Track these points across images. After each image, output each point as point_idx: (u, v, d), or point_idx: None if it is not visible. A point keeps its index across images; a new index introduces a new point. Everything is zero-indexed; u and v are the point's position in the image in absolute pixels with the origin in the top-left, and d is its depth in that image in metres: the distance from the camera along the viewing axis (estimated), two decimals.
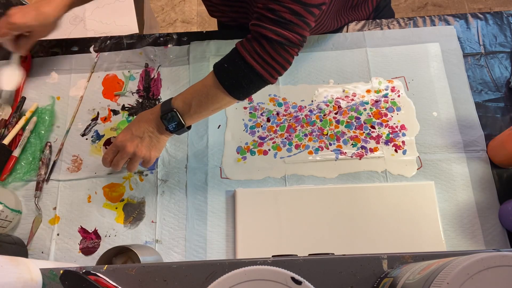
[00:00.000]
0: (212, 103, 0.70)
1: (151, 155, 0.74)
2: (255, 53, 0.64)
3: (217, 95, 0.68)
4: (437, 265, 0.37)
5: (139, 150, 0.73)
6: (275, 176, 0.80)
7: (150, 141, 0.73)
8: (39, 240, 0.78)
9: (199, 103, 0.70)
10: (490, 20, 0.91)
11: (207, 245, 0.76)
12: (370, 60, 0.88)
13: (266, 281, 0.38)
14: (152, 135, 0.73)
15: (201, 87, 0.70)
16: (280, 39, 0.62)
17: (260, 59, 0.64)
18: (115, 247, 0.67)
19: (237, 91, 0.68)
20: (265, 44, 0.63)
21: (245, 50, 0.64)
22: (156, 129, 0.73)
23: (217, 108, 0.71)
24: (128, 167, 0.75)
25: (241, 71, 0.65)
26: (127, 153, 0.73)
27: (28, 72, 0.91)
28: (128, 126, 0.74)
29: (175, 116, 0.70)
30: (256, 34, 0.64)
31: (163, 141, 0.76)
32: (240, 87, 0.67)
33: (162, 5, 2.05)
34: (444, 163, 0.79)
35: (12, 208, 0.76)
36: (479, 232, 0.74)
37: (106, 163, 0.75)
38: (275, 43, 0.63)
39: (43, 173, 0.82)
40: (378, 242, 0.73)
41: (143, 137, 0.73)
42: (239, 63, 0.65)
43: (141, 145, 0.73)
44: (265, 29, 0.62)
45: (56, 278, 0.53)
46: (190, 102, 0.70)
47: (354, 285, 0.50)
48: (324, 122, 0.84)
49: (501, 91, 0.84)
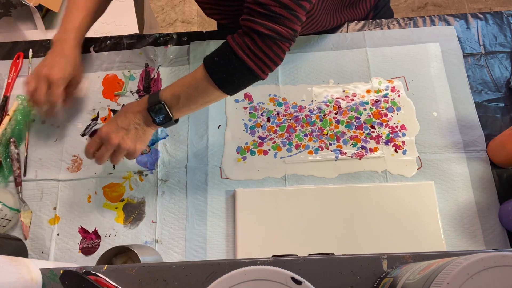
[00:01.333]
0: (201, 97, 0.69)
1: (136, 148, 0.72)
2: (247, 47, 0.63)
3: (207, 89, 0.67)
4: (437, 265, 0.37)
5: (124, 142, 0.71)
6: (275, 176, 0.80)
7: (136, 133, 0.72)
8: (39, 240, 0.78)
9: (188, 96, 0.69)
10: (490, 20, 0.91)
11: (207, 245, 0.76)
12: (370, 60, 0.88)
13: (266, 281, 0.38)
14: (138, 127, 0.71)
15: (191, 80, 0.68)
16: (271, 33, 0.62)
17: (252, 54, 0.63)
18: (115, 247, 0.67)
19: (227, 86, 0.67)
20: (256, 38, 0.62)
21: (237, 45, 0.63)
22: (142, 121, 0.71)
23: (207, 102, 0.70)
24: (112, 159, 0.73)
25: (232, 65, 0.64)
26: (112, 145, 0.71)
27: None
28: (114, 117, 0.72)
29: (162, 109, 0.69)
30: (247, 29, 0.63)
31: (149, 134, 0.74)
32: (230, 82, 0.66)
33: (162, 5, 2.05)
34: (444, 163, 0.79)
35: (10, 207, 0.76)
36: (479, 232, 0.74)
37: (89, 154, 0.73)
38: (266, 37, 0.62)
39: (16, 169, 0.82)
40: (378, 242, 0.73)
41: (128, 129, 0.71)
42: (230, 57, 0.64)
43: (127, 137, 0.71)
44: (256, 23, 0.61)
45: (56, 278, 0.53)
46: (178, 95, 0.69)
47: (354, 285, 0.50)
48: (324, 122, 0.84)
49: (501, 91, 0.84)
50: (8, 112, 0.86)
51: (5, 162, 0.83)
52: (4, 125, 0.85)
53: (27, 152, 0.85)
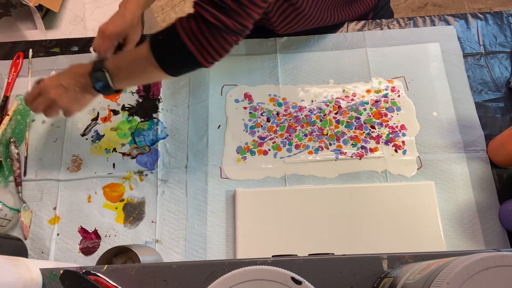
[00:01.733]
0: (142, 73, 0.69)
1: (71, 108, 0.73)
2: (191, 32, 0.62)
3: (149, 66, 0.67)
4: (437, 265, 0.37)
5: (60, 99, 0.71)
6: (275, 176, 0.80)
7: (74, 95, 0.72)
8: (39, 240, 0.78)
9: (130, 69, 0.69)
10: (490, 20, 0.91)
11: (207, 245, 0.76)
12: (370, 60, 0.88)
13: (266, 281, 0.38)
14: (77, 89, 0.72)
15: (135, 55, 0.69)
16: (218, 23, 0.61)
17: (195, 40, 0.62)
18: (115, 247, 0.67)
19: (168, 67, 0.67)
20: (203, 25, 0.61)
21: (182, 28, 0.62)
22: (83, 84, 0.71)
23: (147, 79, 0.71)
24: (45, 112, 0.74)
25: (175, 47, 0.64)
26: (47, 99, 0.72)
27: None
28: (59, 73, 0.73)
29: (103, 76, 0.69)
30: (197, 14, 0.62)
31: (88, 99, 0.74)
32: (172, 64, 0.66)
33: (162, 5, 2.05)
34: (444, 163, 0.79)
35: (10, 207, 0.76)
36: (479, 232, 0.74)
37: (27, 102, 0.75)
38: (213, 27, 0.61)
39: (16, 169, 0.82)
40: (378, 242, 0.73)
41: (68, 88, 0.71)
42: (173, 39, 0.63)
43: (64, 95, 0.71)
44: (205, 10, 0.61)
45: (56, 278, 0.53)
46: (121, 67, 0.69)
47: (354, 285, 0.50)
48: (324, 122, 0.84)
49: (501, 91, 0.84)
50: (8, 112, 0.86)
51: (5, 162, 0.83)
52: (4, 125, 0.85)
53: (27, 152, 0.85)
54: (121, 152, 0.84)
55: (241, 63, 0.90)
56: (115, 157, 0.84)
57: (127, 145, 0.85)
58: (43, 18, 1.16)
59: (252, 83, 0.88)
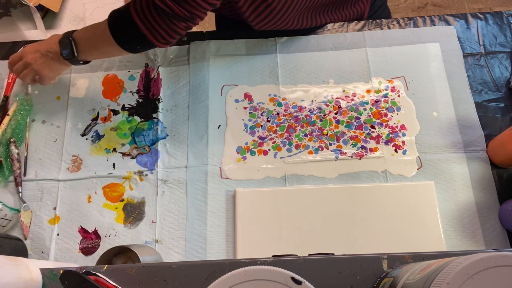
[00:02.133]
0: (101, 46, 0.74)
1: (44, 72, 0.80)
2: (142, 13, 0.67)
3: (107, 41, 0.72)
4: (437, 265, 0.37)
5: (35, 62, 0.78)
6: (275, 176, 0.80)
7: (47, 61, 0.79)
8: (39, 240, 0.78)
9: (92, 41, 0.75)
10: (490, 20, 0.91)
11: (207, 245, 0.76)
12: (370, 60, 0.88)
13: (266, 281, 0.38)
14: (50, 55, 0.78)
15: (97, 27, 0.73)
16: (166, 8, 0.65)
17: (147, 22, 0.67)
18: (115, 247, 0.67)
19: (123, 43, 0.72)
20: (152, 9, 0.66)
21: (135, 9, 0.67)
22: (55, 50, 0.77)
23: (107, 52, 0.76)
24: (22, 75, 0.81)
25: (128, 26, 0.69)
26: (24, 63, 0.79)
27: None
28: (40, 41, 0.80)
29: (69, 45, 0.75)
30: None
31: (58, 66, 0.80)
32: (126, 40, 0.72)
33: None
34: (444, 163, 0.79)
35: (10, 207, 0.76)
36: (479, 232, 0.74)
37: (10, 66, 0.82)
38: (161, 11, 0.65)
39: (16, 169, 0.82)
40: (378, 242, 0.73)
41: (44, 54, 0.78)
42: (127, 19, 0.68)
43: (39, 60, 0.78)
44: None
45: (56, 278, 0.53)
46: (86, 38, 0.75)
47: (354, 285, 0.50)
48: (324, 122, 0.84)
49: (501, 91, 0.84)
50: (8, 112, 0.86)
51: (5, 162, 0.83)
52: (4, 125, 0.85)
53: (27, 152, 0.85)
54: (121, 152, 0.84)
55: (241, 63, 0.90)
56: (115, 157, 0.84)
57: (127, 145, 0.85)
58: (43, 18, 1.16)
59: (252, 83, 0.88)
